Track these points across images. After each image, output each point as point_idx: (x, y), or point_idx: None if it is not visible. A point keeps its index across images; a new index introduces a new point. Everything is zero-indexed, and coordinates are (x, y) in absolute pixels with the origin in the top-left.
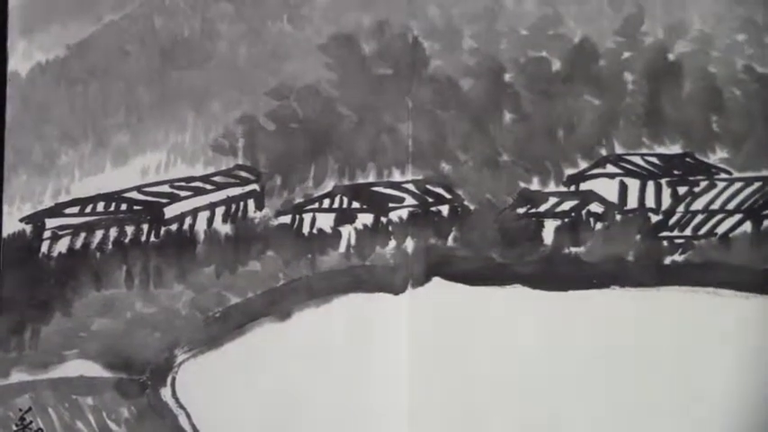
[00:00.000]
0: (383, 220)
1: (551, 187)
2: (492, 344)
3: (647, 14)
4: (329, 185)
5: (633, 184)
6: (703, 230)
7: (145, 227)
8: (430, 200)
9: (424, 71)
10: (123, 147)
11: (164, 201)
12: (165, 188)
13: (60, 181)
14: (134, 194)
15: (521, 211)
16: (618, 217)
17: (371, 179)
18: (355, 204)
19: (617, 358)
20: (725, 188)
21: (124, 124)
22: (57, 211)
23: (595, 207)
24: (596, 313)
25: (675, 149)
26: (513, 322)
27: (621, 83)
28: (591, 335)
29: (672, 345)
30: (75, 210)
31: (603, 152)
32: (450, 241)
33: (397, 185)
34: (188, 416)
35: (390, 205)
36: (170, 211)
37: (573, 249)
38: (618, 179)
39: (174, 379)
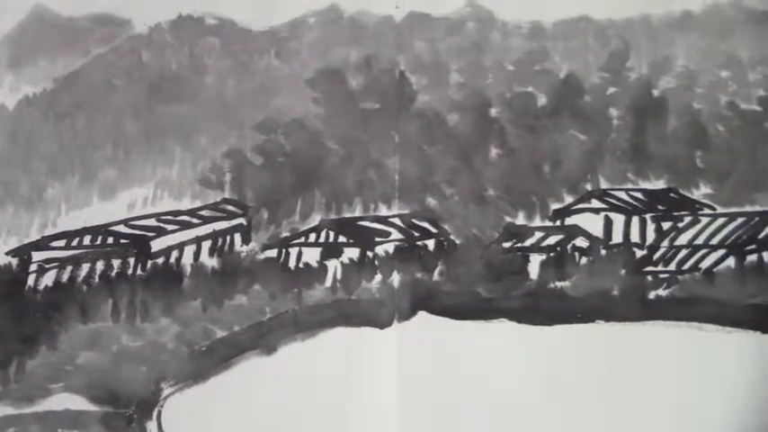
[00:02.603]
0: (369, 254)
1: (537, 222)
2: (478, 378)
3: (632, 50)
4: (316, 220)
5: (618, 219)
6: (687, 265)
7: (131, 260)
8: (416, 234)
9: (410, 106)
10: (110, 180)
11: (150, 234)
12: (152, 222)
13: (47, 214)
14: (121, 228)
15: (506, 245)
16: (603, 252)
17: (358, 213)
18: (342, 238)
19: (602, 393)
20: (709, 223)
21: (111, 158)
22: (43, 244)
23: (580, 242)
24: (581, 347)
25: (660, 185)
26: (500, 357)
27: (607, 118)
28: (576, 369)
29: (656, 379)
30: (62, 243)
31: (589, 187)
32: (436, 275)
33: (383, 220)
34: None
35: (377, 239)
36: (157, 245)
37: (558, 284)
38: (603, 214)
39: (160, 413)
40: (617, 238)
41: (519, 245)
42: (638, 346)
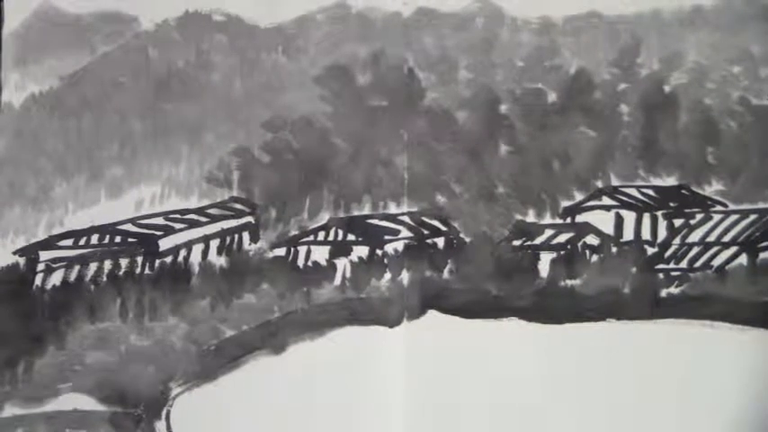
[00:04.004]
0: (378, 252)
1: (547, 219)
2: (488, 377)
3: (642, 46)
4: (324, 218)
5: (629, 217)
6: (699, 263)
7: (139, 259)
8: (425, 232)
9: (419, 103)
10: (117, 179)
11: (158, 233)
12: (160, 221)
13: (54, 213)
14: (128, 227)
15: (516, 243)
16: (614, 249)
17: (367, 211)
18: (350, 237)
19: (613, 391)
20: (721, 220)
21: (118, 156)
22: (51, 243)
23: (591, 239)
24: (592, 346)
25: (671, 181)
26: (509, 355)
27: (617, 114)
28: (587, 368)
29: (668, 377)
30: (70, 242)
31: (599, 184)
32: (445, 274)
33: (392, 218)
34: None
35: (386, 237)
36: (164, 244)
37: (568, 282)
38: (614, 211)
39: (168, 412)
40: (628, 235)
41: (529, 243)
42: (650, 344)
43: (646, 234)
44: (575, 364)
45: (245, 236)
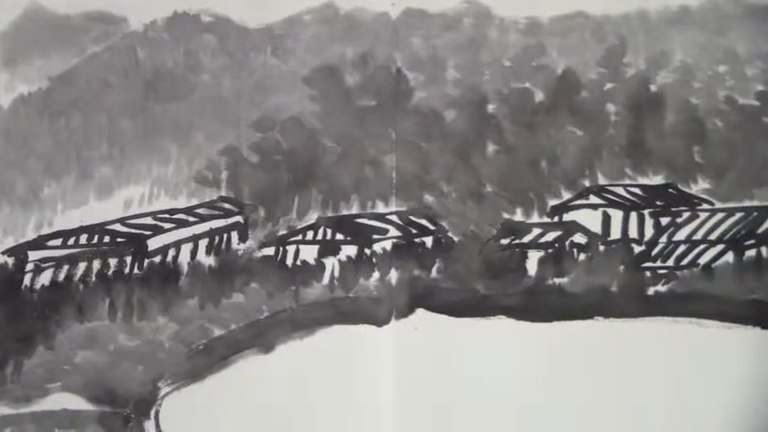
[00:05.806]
0: (367, 251)
1: (535, 218)
2: (476, 375)
3: (629, 45)
4: (313, 217)
5: (616, 215)
6: (686, 261)
7: (128, 259)
8: (414, 231)
9: (407, 103)
10: (106, 179)
11: (147, 233)
12: (149, 220)
13: (43, 213)
14: (117, 227)
15: (504, 242)
16: (601, 248)
17: (355, 211)
18: (339, 236)
19: (601, 389)
20: (707, 219)
21: (107, 156)
22: (39, 243)
23: (579, 238)
24: (580, 344)
25: (658, 180)
26: (498, 354)
27: (604, 114)
28: (575, 365)
29: (655, 375)
30: (58, 242)
31: (586, 183)
32: (434, 273)
33: (380, 217)
34: None
35: (374, 237)
36: (153, 244)
37: (556, 280)
38: (601, 210)
39: (157, 412)
40: (615, 234)
41: (517, 241)
42: (637, 342)
43: (633, 232)
44: (563, 362)
45: (234, 235)
